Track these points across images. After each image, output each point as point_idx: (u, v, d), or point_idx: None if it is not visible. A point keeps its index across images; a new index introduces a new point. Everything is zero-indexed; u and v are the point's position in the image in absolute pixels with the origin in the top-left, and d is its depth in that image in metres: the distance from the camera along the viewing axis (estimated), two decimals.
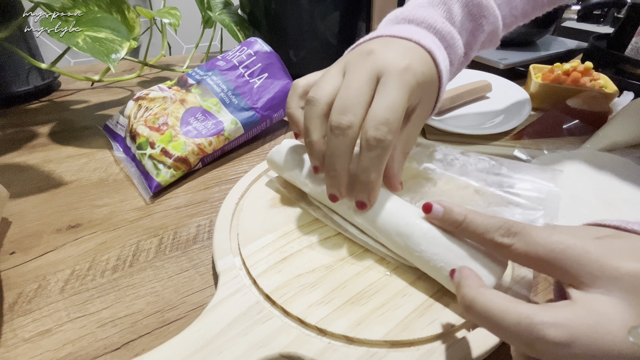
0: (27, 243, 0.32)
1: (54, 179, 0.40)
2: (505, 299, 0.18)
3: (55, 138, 0.48)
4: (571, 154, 0.42)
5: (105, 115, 0.54)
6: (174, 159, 0.39)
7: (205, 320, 0.23)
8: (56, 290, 0.28)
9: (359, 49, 0.28)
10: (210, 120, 0.43)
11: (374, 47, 0.27)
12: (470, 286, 0.20)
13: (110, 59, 0.42)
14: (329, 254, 0.28)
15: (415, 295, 0.25)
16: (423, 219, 0.26)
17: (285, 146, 0.34)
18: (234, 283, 0.26)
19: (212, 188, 0.39)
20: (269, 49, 0.47)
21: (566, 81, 0.54)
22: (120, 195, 0.38)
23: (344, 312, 0.24)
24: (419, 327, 0.23)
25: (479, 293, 0.19)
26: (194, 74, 0.47)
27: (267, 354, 0.22)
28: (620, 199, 0.36)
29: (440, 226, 0.25)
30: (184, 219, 0.35)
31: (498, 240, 0.21)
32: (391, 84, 0.25)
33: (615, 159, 0.41)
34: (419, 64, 0.27)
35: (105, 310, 0.26)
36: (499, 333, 0.18)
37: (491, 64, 0.67)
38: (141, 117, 0.42)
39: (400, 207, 0.27)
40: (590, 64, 0.55)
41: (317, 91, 0.27)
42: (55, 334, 0.25)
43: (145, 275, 0.29)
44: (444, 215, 0.24)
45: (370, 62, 0.26)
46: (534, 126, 0.47)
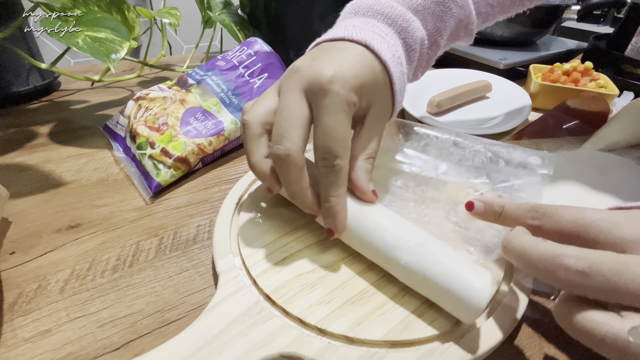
0: (27, 243, 0.32)
1: (54, 179, 0.40)
2: (537, 240, 0.21)
3: (55, 138, 0.48)
4: (571, 154, 0.42)
5: (105, 115, 0.54)
6: (174, 159, 0.39)
7: (205, 320, 0.23)
8: (56, 290, 0.28)
9: (289, 67, 0.26)
10: (210, 120, 0.43)
11: (298, 65, 0.25)
12: (514, 234, 0.23)
13: (110, 59, 0.42)
14: (329, 254, 0.28)
15: (415, 295, 0.25)
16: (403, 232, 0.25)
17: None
18: (234, 283, 0.26)
19: (212, 188, 0.39)
20: (269, 49, 0.47)
21: (566, 81, 0.55)
22: (120, 195, 0.38)
23: (344, 312, 0.24)
24: (419, 327, 0.23)
25: (517, 237, 0.22)
26: (194, 74, 0.47)
27: (267, 354, 0.22)
28: (620, 199, 0.36)
29: (483, 219, 0.28)
30: (184, 219, 0.35)
31: (529, 222, 0.24)
32: (320, 107, 0.24)
33: (615, 159, 0.41)
34: (351, 66, 0.25)
35: (105, 310, 0.26)
36: (530, 267, 0.21)
37: (491, 64, 0.67)
38: (141, 117, 0.42)
39: (378, 223, 0.26)
40: (590, 64, 0.55)
41: (249, 114, 0.26)
42: (55, 334, 0.25)
43: (145, 275, 0.29)
44: (486, 209, 0.27)
45: (296, 81, 0.25)
46: (534, 126, 0.47)
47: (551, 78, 0.55)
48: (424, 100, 0.54)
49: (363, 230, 0.26)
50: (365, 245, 0.26)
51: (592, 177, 0.38)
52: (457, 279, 0.23)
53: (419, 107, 0.53)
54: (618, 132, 0.43)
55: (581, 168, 0.40)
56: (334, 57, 0.25)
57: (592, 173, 0.39)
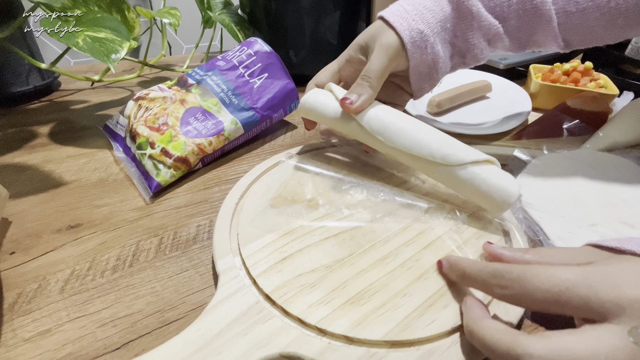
0: (27, 243, 0.32)
1: (54, 179, 0.40)
2: (500, 330, 0.20)
3: (55, 138, 0.48)
4: (571, 154, 0.42)
5: (105, 115, 0.54)
6: (174, 159, 0.39)
7: (205, 320, 0.23)
8: (56, 290, 0.28)
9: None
10: (210, 120, 0.43)
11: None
12: (471, 317, 0.22)
13: (110, 59, 0.42)
14: (329, 254, 0.28)
15: (415, 295, 0.25)
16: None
17: (315, 95, 0.38)
18: (234, 283, 0.26)
19: (212, 188, 0.39)
20: (269, 49, 0.47)
21: (566, 81, 0.54)
22: (120, 195, 0.38)
23: (344, 312, 0.24)
24: (419, 327, 0.23)
25: (477, 325, 0.21)
26: (194, 74, 0.47)
27: (267, 354, 0.22)
28: (620, 199, 0.36)
29: (453, 280, 0.26)
30: (184, 219, 0.35)
31: (497, 292, 0.21)
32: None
33: (615, 159, 0.41)
34: (368, 31, 0.36)
35: (105, 310, 0.26)
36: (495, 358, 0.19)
37: (491, 64, 0.67)
38: (141, 117, 0.42)
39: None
40: (590, 64, 0.55)
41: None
42: (55, 334, 0.25)
43: (145, 275, 0.29)
44: (451, 269, 0.26)
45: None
46: (534, 126, 0.47)
47: (551, 78, 0.55)
48: (424, 100, 0.54)
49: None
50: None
51: (592, 177, 0.38)
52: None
53: (419, 107, 0.53)
54: (618, 132, 0.43)
55: (581, 168, 0.40)
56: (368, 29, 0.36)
57: (592, 173, 0.39)
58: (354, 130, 0.35)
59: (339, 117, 0.35)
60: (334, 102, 0.36)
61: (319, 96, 0.37)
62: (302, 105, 0.38)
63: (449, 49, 0.36)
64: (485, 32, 0.35)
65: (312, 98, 0.37)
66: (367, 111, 0.34)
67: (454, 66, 0.39)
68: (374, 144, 0.35)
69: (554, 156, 0.41)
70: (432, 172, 0.33)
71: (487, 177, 0.30)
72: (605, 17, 0.34)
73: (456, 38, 0.36)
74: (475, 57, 0.37)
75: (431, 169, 0.32)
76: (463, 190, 0.31)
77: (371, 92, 0.34)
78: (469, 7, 0.34)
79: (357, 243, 0.30)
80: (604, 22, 0.34)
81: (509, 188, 0.29)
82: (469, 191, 0.31)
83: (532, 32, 0.36)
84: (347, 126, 0.35)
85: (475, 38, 0.36)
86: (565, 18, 0.34)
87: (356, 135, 0.35)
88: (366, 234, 0.30)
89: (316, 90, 0.38)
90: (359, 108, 0.33)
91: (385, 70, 0.34)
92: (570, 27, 0.35)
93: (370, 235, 0.30)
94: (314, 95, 0.37)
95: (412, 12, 0.34)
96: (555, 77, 0.55)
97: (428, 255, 0.29)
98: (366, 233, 0.31)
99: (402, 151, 0.33)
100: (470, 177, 0.30)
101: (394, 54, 0.34)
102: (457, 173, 0.31)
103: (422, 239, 0.30)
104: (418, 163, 0.33)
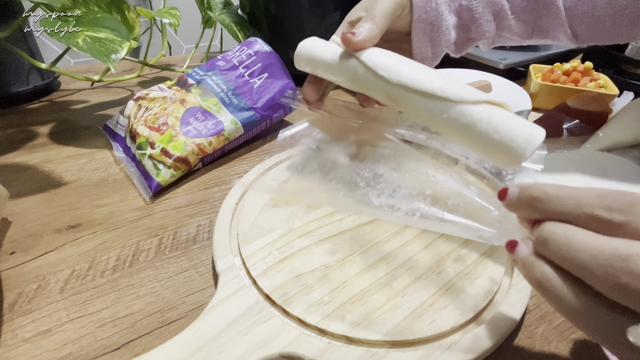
0: (27, 243, 0.32)
1: (53, 179, 0.40)
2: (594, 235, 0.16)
3: (55, 138, 0.48)
4: (571, 154, 0.42)
5: (105, 115, 0.54)
6: (174, 159, 0.39)
7: (205, 320, 0.23)
8: (56, 290, 0.28)
9: None
10: (210, 120, 0.43)
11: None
12: (538, 267, 0.17)
13: (110, 59, 0.42)
14: (329, 254, 0.28)
15: (415, 295, 0.25)
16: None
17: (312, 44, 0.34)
18: (234, 283, 0.26)
19: (212, 188, 0.39)
20: (269, 49, 0.47)
21: (566, 81, 0.54)
22: (120, 195, 0.38)
23: (344, 312, 0.24)
24: (419, 327, 0.23)
25: (557, 225, 0.17)
26: (194, 74, 0.47)
27: (267, 354, 0.22)
28: None
29: (520, 214, 0.20)
30: (184, 219, 0.35)
31: (604, 216, 0.16)
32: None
33: (615, 159, 0.41)
34: None
35: (105, 310, 0.26)
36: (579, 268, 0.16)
37: (491, 64, 0.67)
38: (141, 117, 0.42)
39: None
40: (590, 64, 0.55)
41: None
42: (55, 334, 0.25)
43: (145, 275, 0.29)
44: (520, 193, 0.19)
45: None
46: None
47: (551, 78, 0.55)
48: None
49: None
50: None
51: (592, 177, 0.38)
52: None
53: None
54: (618, 132, 0.43)
55: (581, 168, 0.40)
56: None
57: (592, 173, 0.39)
58: (353, 71, 0.30)
59: (337, 61, 0.31)
60: (333, 47, 0.32)
61: (317, 42, 0.34)
62: (298, 50, 0.34)
63: (453, 17, 0.36)
64: (491, 2, 0.35)
65: (309, 42, 0.34)
66: (368, 50, 0.30)
67: (459, 42, 0.37)
68: (374, 85, 0.30)
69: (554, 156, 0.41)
70: (440, 113, 0.26)
71: (505, 116, 0.25)
72: (612, 6, 0.33)
73: (461, 8, 0.35)
74: (480, 30, 0.36)
75: (439, 108, 0.26)
76: (475, 134, 0.25)
77: (375, 28, 0.31)
78: None
79: (357, 243, 0.30)
80: (611, 11, 0.34)
81: (534, 129, 0.24)
82: (482, 134, 0.25)
83: (538, 14, 0.35)
84: (346, 68, 0.31)
85: (480, 7, 0.35)
86: (572, 2, 0.34)
87: (355, 79, 0.31)
88: (366, 234, 0.30)
89: (314, 38, 0.35)
90: (362, 42, 0.30)
91: (390, 10, 0.32)
92: (577, 14, 0.34)
93: (370, 235, 0.30)
94: (311, 41, 0.34)
95: None
96: (555, 77, 0.55)
97: (428, 255, 0.29)
98: (366, 233, 0.31)
99: (406, 89, 0.28)
100: (486, 116, 0.25)
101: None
102: (470, 111, 0.25)
103: (422, 239, 0.30)
104: (424, 103, 0.27)
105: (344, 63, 0.31)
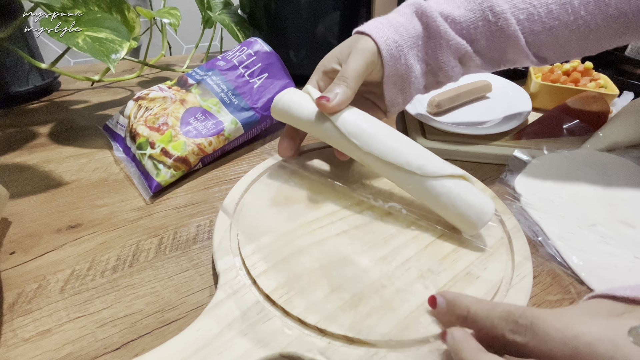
0: (27, 243, 0.32)
1: (54, 179, 0.40)
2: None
3: (55, 138, 0.48)
4: (571, 154, 0.42)
5: (105, 115, 0.54)
6: (174, 159, 0.39)
7: (205, 320, 0.23)
8: (56, 290, 0.28)
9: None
10: (210, 120, 0.43)
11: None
12: (469, 352, 0.19)
13: (110, 59, 0.42)
14: (329, 254, 0.28)
15: (415, 295, 0.25)
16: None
17: (288, 97, 0.35)
18: (234, 283, 0.26)
19: (212, 188, 0.39)
20: (269, 49, 0.47)
21: (566, 81, 0.54)
22: (120, 195, 0.38)
23: (344, 312, 0.24)
24: (419, 327, 0.23)
25: (478, 357, 0.19)
26: (194, 74, 0.47)
27: (267, 354, 0.22)
28: (620, 199, 0.36)
29: (447, 322, 0.24)
30: (184, 219, 0.35)
31: (509, 337, 0.19)
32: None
33: (615, 159, 0.41)
34: (343, 44, 0.36)
35: (105, 310, 0.26)
36: None
37: None
38: (141, 117, 0.42)
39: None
40: (590, 64, 0.55)
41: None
42: (55, 334, 0.25)
43: (145, 275, 0.29)
44: (448, 308, 0.23)
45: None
46: (534, 126, 0.47)
47: (551, 78, 0.55)
48: (423, 101, 0.54)
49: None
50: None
51: (592, 177, 0.38)
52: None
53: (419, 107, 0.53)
54: (618, 132, 0.43)
55: (581, 168, 0.40)
56: (346, 43, 0.36)
57: (592, 173, 0.39)
58: (328, 133, 0.33)
59: (313, 119, 0.33)
60: (309, 103, 0.34)
61: (294, 96, 0.35)
62: (274, 104, 0.36)
63: (421, 66, 0.36)
64: (455, 50, 0.35)
65: (286, 97, 0.35)
66: (342, 113, 0.32)
67: (428, 85, 0.39)
68: (348, 148, 0.33)
69: (554, 156, 0.41)
70: (406, 182, 0.31)
71: (462, 192, 0.29)
72: (575, 34, 0.34)
73: (427, 56, 0.36)
74: (447, 75, 0.37)
75: (406, 179, 0.31)
76: (437, 204, 0.30)
77: (348, 91, 0.32)
78: (436, 27, 0.34)
79: (357, 243, 0.30)
80: (574, 38, 0.34)
81: (485, 205, 0.29)
82: (443, 205, 0.30)
83: (503, 51, 0.36)
84: (321, 128, 0.33)
85: (445, 56, 0.35)
86: (534, 37, 0.34)
87: (330, 139, 0.33)
88: (366, 234, 0.30)
89: (291, 90, 0.36)
90: (336, 107, 0.32)
91: (361, 71, 0.33)
92: (541, 45, 0.35)
93: (370, 235, 0.30)
94: (289, 95, 0.35)
95: (387, 25, 0.34)
96: (555, 77, 0.55)
97: (428, 256, 0.29)
98: (366, 233, 0.31)
99: (376, 158, 0.31)
100: (445, 191, 0.29)
101: (370, 58, 0.33)
102: (432, 185, 0.29)
103: (423, 239, 0.30)
104: (392, 172, 0.31)
105: (319, 124, 0.33)
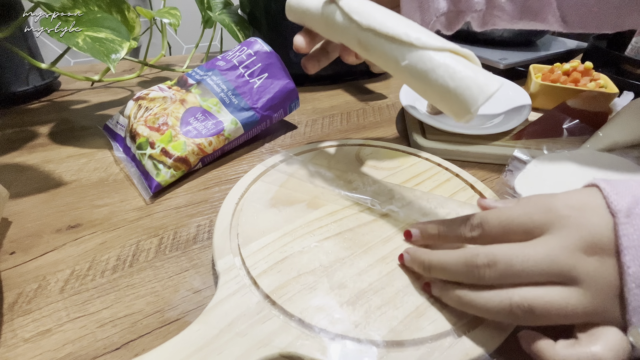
0: (27, 243, 0.32)
1: (54, 179, 0.40)
2: (445, 250, 0.25)
3: (55, 138, 0.48)
4: (571, 154, 0.42)
5: (105, 115, 0.54)
6: (174, 159, 0.39)
7: (205, 320, 0.23)
8: (56, 290, 0.28)
9: None
10: (210, 120, 0.43)
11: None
12: (424, 250, 0.27)
13: (110, 59, 0.42)
14: (329, 254, 0.28)
15: (415, 295, 0.25)
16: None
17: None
18: (234, 283, 0.26)
19: (212, 188, 0.39)
20: (269, 49, 0.47)
21: (566, 81, 0.54)
22: (120, 195, 0.38)
23: (344, 312, 0.24)
24: (420, 326, 0.23)
25: (428, 252, 0.26)
26: (194, 74, 0.47)
27: (267, 354, 0.22)
28: None
29: (423, 244, 0.29)
30: (184, 219, 0.35)
31: (469, 235, 0.24)
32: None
33: (615, 159, 0.41)
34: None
35: (105, 310, 0.26)
36: (452, 275, 0.24)
37: (491, 64, 0.67)
38: (141, 117, 0.42)
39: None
40: (590, 64, 0.55)
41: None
42: (55, 334, 0.25)
43: (145, 275, 0.29)
44: (422, 234, 0.28)
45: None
46: (534, 126, 0.47)
47: (551, 78, 0.55)
48: (424, 101, 0.54)
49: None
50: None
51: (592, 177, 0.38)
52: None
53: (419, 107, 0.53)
54: (618, 132, 0.43)
55: (581, 168, 0.40)
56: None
57: (592, 173, 0.39)
58: (331, 18, 0.32)
59: (320, 8, 0.33)
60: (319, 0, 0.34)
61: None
62: (289, 1, 0.38)
63: None
64: None
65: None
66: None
67: (449, 16, 0.37)
68: (347, 33, 0.31)
69: (554, 156, 0.41)
70: (402, 60, 0.28)
71: (465, 64, 0.26)
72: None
73: None
74: (470, 3, 0.36)
75: (402, 53, 0.27)
76: (431, 82, 0.26)
77: None
78: None
79: (357, 243, 0.30)
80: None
81: (489, 79, 0.25)
82: (439, 82, 0.26)
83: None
84: (326, 16, 0.33)
85: None
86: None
87: (331, 26, 0.33)
88: (366, 234, 0.30)
89: None
90: None
91: None
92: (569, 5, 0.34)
93: (370, 235, 0.30)
94: None
95: None
96: (555, 77, 0.55)
97: None
98: (366, 233, 0.31)
99: (375, 34, 0.29)
100: (445, 62, 0.26)
101: None
102: (431, 57, 0.26)
103: None
104: (389, 49, 0.28)
105: (324, 9, 0.33)
